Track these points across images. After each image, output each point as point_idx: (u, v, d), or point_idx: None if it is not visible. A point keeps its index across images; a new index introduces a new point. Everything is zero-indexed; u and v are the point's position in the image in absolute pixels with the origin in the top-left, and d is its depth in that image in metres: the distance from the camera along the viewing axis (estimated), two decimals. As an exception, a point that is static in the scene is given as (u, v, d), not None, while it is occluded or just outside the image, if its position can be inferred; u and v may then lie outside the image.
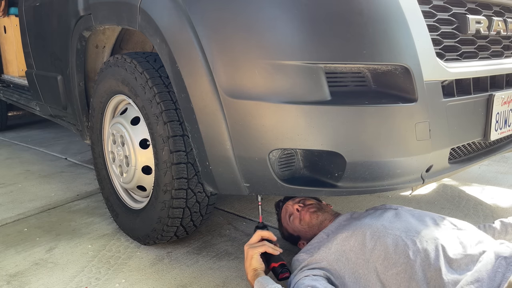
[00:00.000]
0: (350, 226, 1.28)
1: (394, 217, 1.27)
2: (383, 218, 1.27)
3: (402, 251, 1.12)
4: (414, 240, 1.13)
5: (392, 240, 1.15)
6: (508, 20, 1.51)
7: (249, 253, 1.32)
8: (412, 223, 1.21)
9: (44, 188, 2.46)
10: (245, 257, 1.33)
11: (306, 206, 1.52)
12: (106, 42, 1.95)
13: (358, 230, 1.23)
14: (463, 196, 2.23)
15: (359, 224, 1.26)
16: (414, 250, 1.11)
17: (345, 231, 1.25)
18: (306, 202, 1.55)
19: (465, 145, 1.48)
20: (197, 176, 1.46)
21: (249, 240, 1.37)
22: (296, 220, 1.52)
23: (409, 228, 1.18)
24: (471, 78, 1.36)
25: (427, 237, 1.13)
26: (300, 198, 1.59)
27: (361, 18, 1.13)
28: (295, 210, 1.53)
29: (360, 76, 1.20)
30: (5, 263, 1.62)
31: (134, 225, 1.70)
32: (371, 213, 1.36)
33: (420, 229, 1.17)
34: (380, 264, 1.13)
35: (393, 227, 1.20)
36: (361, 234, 1.21)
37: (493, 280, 0.98)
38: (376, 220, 1.26)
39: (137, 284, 1.46)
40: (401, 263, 1.10)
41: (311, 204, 1.53)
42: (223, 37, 1.21)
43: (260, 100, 1.18)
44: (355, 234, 1.22)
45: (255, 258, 1.30)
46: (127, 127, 1.62)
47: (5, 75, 3.56)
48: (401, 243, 1.13)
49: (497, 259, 1.04)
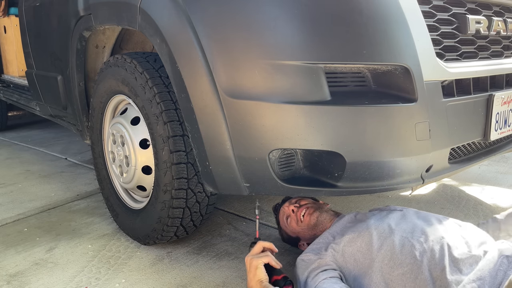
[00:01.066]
0: (356, 227, 1.28)
1: (400, 218, 1.27)
2: (389, 219, 1.27)
3: (409, 251, 1.12)
4: (420, 241, 1.13)
5: (398, 241, 1.15)
6: (508, 20, 1.51)
7: (252, 263, 1.23)
8: (418, 224, 1.21)
9: (44, 188, 2.46)
10: (248, 268, 1.25)
11: (301, 207, 1.52)
12: (106, 42, 1.95)
13: (364, 231, 1.23)
14: (463, 196, 2.23)
15: (365, 225, 1.26)
16: (421, 250, 1.11)
17: (352, 233, 1.25)
18: (302, 202, 1.55)
19: (465, 145, 1.48)
20: (197, 176, 1.46)
21: (250, 251, 1.31)
22: (293, 221, 1.52)
23: (414, 229, 1.19)
24: (471, 78, 1.36)
25: (433, 237, 1.14)
26: (295, 199, 1.59)
27: (361, 18, 1.13)
28: (291, 212, 1.53)
29: (360, 76, 1.20)
30: (5, 263, 1.62)
31: (134, 225, 1.70)
32: (376, 214, 1.36)
33: (426, 229, 1.17)
34: (386, 265, 1.14)
35: (399, 228, 1.20)
36: (368, 235, 1.22)
37: (494, 278, 0.98)
38: (382, 221, 1.26)
39: (137, 284, 1.47)
40: (407, 263, 1.10)
41: (307, 204, 1.53)
42: (223, 37, 1.21)
43: (260, 100, 1.18)
44: (361, 235, 1.23)
45: (260, 269, 1.21)
46: (127, 127, 1.62)
47: (5, 75, 3.56)
48: (407, 243, 1.14)
49: (499, 257, 1.04)
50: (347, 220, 1.40)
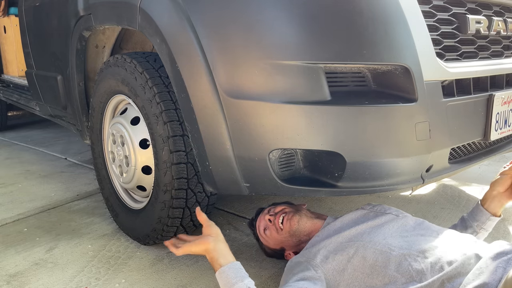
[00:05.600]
0: (350, 237, 1.22)
1: (396, 230, 1.22)
2: (383, 230, 1.22)
3: (406, 270, 1.08)
4: (417, 260, 1.09)
5: (395, 260, 1.11)
6: (508, 20, 1.51)
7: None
8: (415, 240, 1.16)
9: (44, 188, 2.46)
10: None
11: (277, 214, 1.43)
12: (106, 42, 1.95)
13: (359, 244, 1.18)
14: (463, 196, 2.23)
15: (359, 236, 1.21)
16: (418, 269, 1.07)
17: (347, 246, 1.19)
18: (276, 209, 1.46)
19: (465, 145, 1.48)
20: (197, 176, 1.46)
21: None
22: (273, 232, 1.42)
23: (410, 245, 1.14)
24: (471, 78, 1.36)
25: (432, 257, 1.09)
26: (268, 208, 1.49)
27: (361, 18, 1.13)
28: (267, 222, 1.44)
29: (360, 76, 1.20)
30: (5, 263, 1.62)
31: (134, 225, 1.70)
32: (370, 218, 1.30)
33: (424, 248, 1.12)
34: (380, 281, 1.11)
35: (397, 245, 1.15)
36: (362, 248, 1.16)
37: (494, 275, 0.98)
38: (376, 234, 1.20)
39: (137, 284, 1.46)
40: (403, 282, 1.07)
41: (283, 210, 1.45)
42: (223, 37, 1.20)
43: (260, 100, 1.18)
44: (356, 246, 1.17)
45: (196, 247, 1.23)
46: (127, 127, 1.62)
47: (5, 75, 3.56)
48: (404, 263, 1.10)
49: (497, 256, 1.03)
50: (335, 228, 1.31)
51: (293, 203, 1.55)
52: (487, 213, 1.37)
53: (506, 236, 1.79)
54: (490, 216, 1.37)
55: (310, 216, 1.44)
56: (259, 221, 1.49)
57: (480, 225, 1.38)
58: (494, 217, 1.37)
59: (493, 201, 1.37)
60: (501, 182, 1.35)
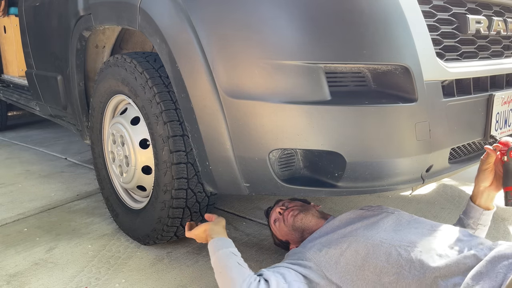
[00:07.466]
0: (345, 233, 1.25)
1: (390, 225, 1.24)
2: (379, 226, 1.23)
3: (395, 260, 1.10)
4: (408, 250, 1.10)
5: (386, 251, 1.13)
6: (508, 20, 1.51)
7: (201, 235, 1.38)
8: (407, 233, 1.18)
9: (44, 188, 2.46)
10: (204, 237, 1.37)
11: (288, 209, 1.50)
12: (106, 42, 1.95)
13: (353, 239, 1.20)
14: (463, 196, 2.23)
15: (353, 232, 1.23)
16: (408, 259, 1.08)
17: (340, 241, 1.21)
18: (289, 204, 1.53)
19: (465, 145, 1.48)
20: (197, 176, 1.46)
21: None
22: (280, 224, 1.50)
23: (402, 237, 1.15)
24: (471, 78, 1.36)
25: (422, 248, 1.10)
26: (283, 201, 1.57)
27: (361, 18, 1.13)
28: (277, 214, 1.52)
29: (360, 76, 1.20)
30: (5, 263, 1.62)
31: (134, 225, 1.70)
32: (366, 217, 1.31)
33: (415, 239, 1.14)
34: (372, 272, 1.12)
35: (388, 237, 1.17)
36: (355, 242, 1.18)
37: (494, 281, 0.97)
38: (369, 229, 1.22)
39: (137, 284, 1.46)
40: (394, 272, 1.08)
41: (293, 206, 1.50)
42: (223, 37, 1.20)
43: (260, 100, 1.18)
44: (349, 241, 1.19)
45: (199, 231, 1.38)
46: (127, 127, 1.62)
47: (5, 75, 3.56)
48: (394, 253, 1.11)
49: (497, 260, 1.02)
50: (335, 224, 1.34)
51: (309, 203, 1.60)
52: (479, 208, 1.37)
53: (506, 236, 1.79)
54: (483, 211, 1.37)
55: (316, 215, 1.47)
56: (272, 211, 1.57)
57: (476, 222, 1.38)
58: (488, 211, 1.37)
59: (482, 196, 1.36)
60: (484, 177, 1.34)
